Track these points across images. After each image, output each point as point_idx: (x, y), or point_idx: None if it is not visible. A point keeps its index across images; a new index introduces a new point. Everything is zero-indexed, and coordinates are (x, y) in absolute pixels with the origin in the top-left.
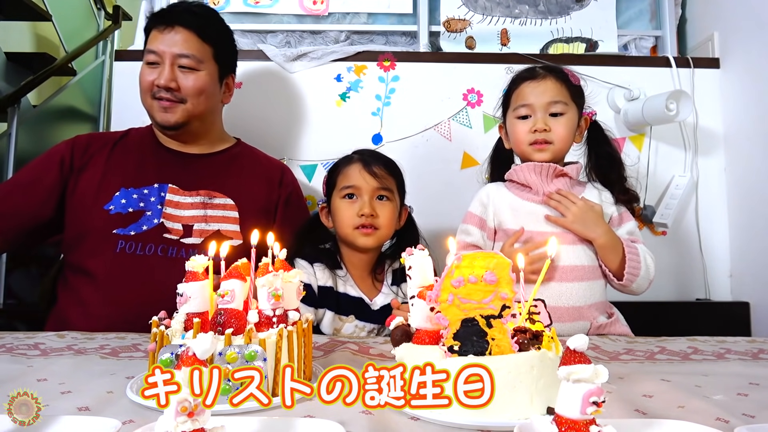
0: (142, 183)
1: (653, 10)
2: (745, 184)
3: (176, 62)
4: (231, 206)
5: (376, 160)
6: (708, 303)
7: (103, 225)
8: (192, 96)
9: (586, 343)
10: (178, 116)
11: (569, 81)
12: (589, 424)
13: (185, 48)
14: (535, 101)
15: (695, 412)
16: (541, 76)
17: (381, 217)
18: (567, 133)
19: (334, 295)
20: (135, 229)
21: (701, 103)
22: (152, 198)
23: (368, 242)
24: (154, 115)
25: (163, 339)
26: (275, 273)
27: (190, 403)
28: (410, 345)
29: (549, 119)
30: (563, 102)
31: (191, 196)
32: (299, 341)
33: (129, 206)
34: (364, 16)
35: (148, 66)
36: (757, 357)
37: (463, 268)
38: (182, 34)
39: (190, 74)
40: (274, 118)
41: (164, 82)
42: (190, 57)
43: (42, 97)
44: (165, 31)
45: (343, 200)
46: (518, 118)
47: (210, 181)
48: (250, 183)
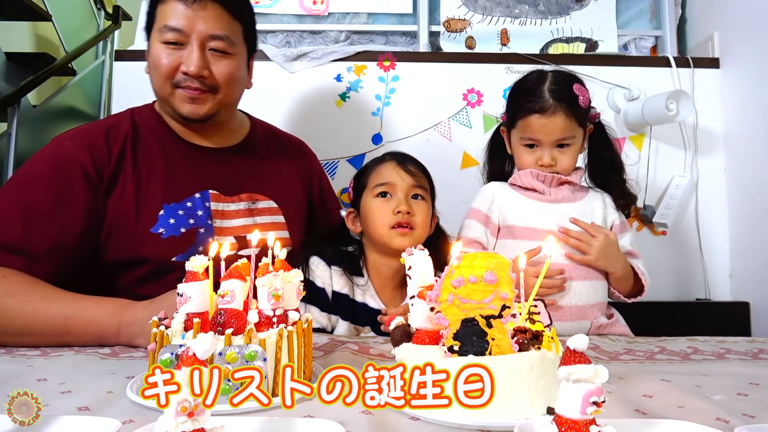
0: (182, 194)
1: (653, 10)
2: (745, 184)
3: (207, 44)
4: (275, 210)
5: (410, 159)
6: (708, 303)
7: (158, 253)
8: (226, 85)
9: (586, 343)
10: (208, 108)
11: (578, 108)
12: (589, 424)
13: (218, 28)
14: (544, 138)
15: (695, 412)
16: (550, 111)
17: (417, 216)
18: (572, 161)
19: (349, 304)
20: (193, 253)
21: (701, 103)
22: (199, 212)
23: (405, 243)
24: (177, 105)
25: (163, 339)
26: (275, 273)
27: (190, 403)
28: (410, 345)
29: (555, 152)
30: (571, 135)
31: (234, 203)
32: (299, 341)
33: (180, 226)
34: (364, 16)
35: (167, 46)
36: (757, 357)
37: (463, 268)
38: (213, 10)
39: (223, 59)
40: (274, 118)
41: (195, 70)
42: (224, 39)
43: (42, 97)
44: (188, 3)
45: (376, 199)
46: (525, 145)
47: (249, 182)
48: (285, 177)
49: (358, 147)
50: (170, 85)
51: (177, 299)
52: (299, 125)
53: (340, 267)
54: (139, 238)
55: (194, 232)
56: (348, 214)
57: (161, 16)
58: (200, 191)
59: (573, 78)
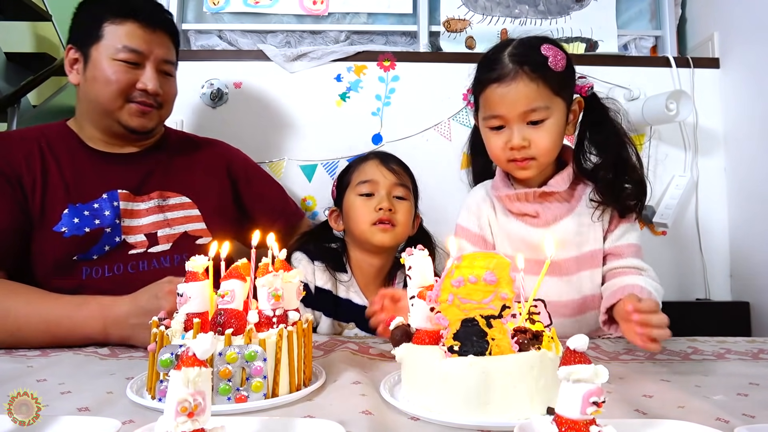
0: (88, 196)
1: (653, 10)
2: (745, 184)
3: (160, 67)
4: (189, 204)
5: (393, 158)
6: (708, 303)
7: (60, 251)
8: (169, 103)
9: (586, 343)
10: (155, 121)
11: (549, 71)
12: (589, 424)
13: (169, 54)
14: (507, 112)
15: (695, 412)
16: (510, 76)
17: (399, 213)
18: (551, 142)
19: (332, 300)
20: (97, 252)
21: (701, 103)
22: (106, 212)
23: (385, 239)
24: (125, 118)
25: (163, 339)
26: (275, 273)
27: (190, 403)
28: (410, 345)
29: (527, 130)
30: (543, 107)
31: (144, 201)
32: (299, 341)
33: (85, 225)
34: (364, 16)
35: (122, 64)
36: (757, 357)
37: (463, 268)
38: (164, 38)
39: (169, 80)
40: (275, 117)
41: (154, 89)
42: (172, 63)
43: (42, 97)
44: (149, 30)
45: (358, 197)
46: (490, 129)
47: (158, 180)
48: (198, 172)
49: (358, 147)
50: (123, 99)
51: (177, 299)
52: (299, 125)
53: (323, 263)
54: (43, 236)
55: (99, 231)
56: (331, 212)
57: (116, 36)
58: (108, 192)
59: (542, 39)
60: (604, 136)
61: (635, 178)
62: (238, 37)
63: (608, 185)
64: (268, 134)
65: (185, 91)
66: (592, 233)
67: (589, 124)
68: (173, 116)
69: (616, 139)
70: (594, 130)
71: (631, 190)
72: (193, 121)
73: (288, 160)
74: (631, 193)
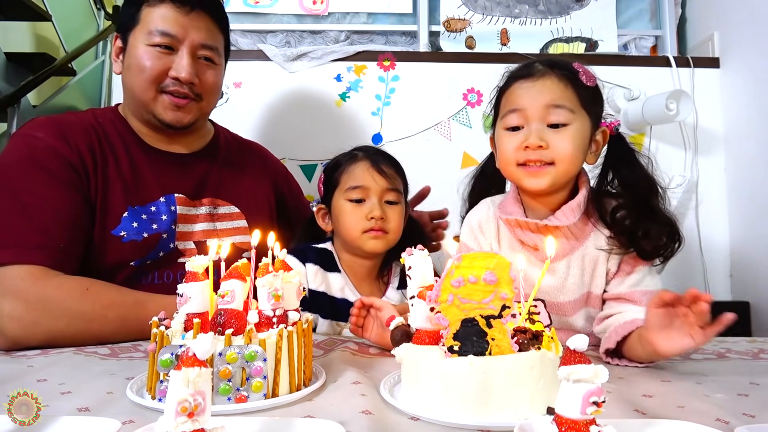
0: (147, 198)
1: (653, 9)
2: (745, 184)
3: (198, 53)
4: (237, 215)
5: (384, 158)
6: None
7: (118, 256)
8: (210, 94)
9: (586, 343)
10: (192, 116)
11: (579, 81)
12: (589, 424)
13: (209, 38)
14: (528, 105)
15: (695, 412)
16: (539, 73)
17: (391, 221)
18: (573, 149)
19: (328, 301)
20: (151, 257)
21: (701, 103)
22: (163, 216)
23: (378, 246)
24: (160, 112)
25: (163, 339)
26: (275, 273)
27: (190, 403)
28: (410, 345)
29: (547, 132)
30: (568, 108)
31: (196, 207)
32: (299, 341)
33: (143, 230)
34: (364, 16)
35: (155, 50)
36: (757, 357)
37: (463, 269)
38: (205, 20)
39: (210, 69)
40: (274, 118)
41: (188, 76)
42: (214, 50)
43: (42, 97)
44: (183, 11)
45: (348, 203)
46: (507, 129)
47: (211, 187)
48: (248, 182)
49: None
50: (155, 89)
51: (177, 299)
52: (299, 125)
53: (315, 264)
54: (101, 238)
55: (157, 237)
56: (318, 210)
57: (150, 19)
58: (166, 195)
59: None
60: (634, 177)
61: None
62: (238, 37)
63: (625, 232)
64: (268, 134)
65: None
66: (596, 277)
67: (617, 161)
68: None
69: (646, 184)
70: (622, 166)
71: (656, 231)
72: None
73: (288, 160)
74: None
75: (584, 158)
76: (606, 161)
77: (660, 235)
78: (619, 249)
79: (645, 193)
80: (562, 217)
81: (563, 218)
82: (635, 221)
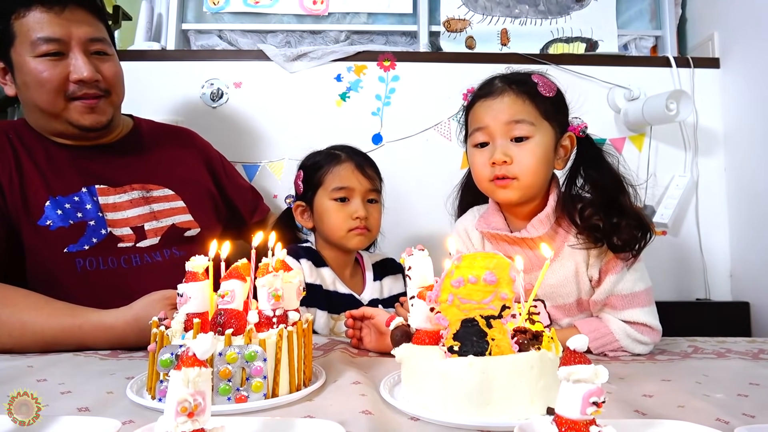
0: (68, 190)
1: (653, 9)
2: (745, 184)
3: (89, 48)
4: (173, 196)
5: (364, 159)
6: (708, 303)
7: (49, 245)
8: (116, 86)
9: (586, 343)
10: (108, 114)
11: (539, 94)
12: (589, 425)
13: (94, 31)
14: (491, 122)
15: (695, 412)
16: (498, 91)
17: (371, 219)
18: (535, 162)
19: (323, 294)
20: (87, 243)
21: (701, 103)
22: (87, 205)
23: (362, 243)
24: (75, 118)
25: (163, 339)
26: (275, 273)
27: (190, 403)
28: (410, 345)
29: (510, 147)
30: (528, 122)
31: (126, 193)
32: (299, 341)
33: (68, 218)
34: (364, 16)
35: (45, 59)
36: (757, 357)
37: (463, 269)
38: (81, 14)
39: (106, 61)
40: (274, 118)
41: (90, 75)
42: (102, 41)
43: None
44: (56, 11)
45: (333, 203)
46: (475, 146)
47: (138, 173)
48: (179, 164)
49: (358, 147)
50: (63, 99)
51: (177, 299)
52: (299, 125)
53: (308, 260)
54: (28, 230)
55: (83, 224)
56: (296, 207)
57: (27, 29)
58: (86, 186)
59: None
60: (602, 177)
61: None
62: (238, 37)
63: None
64: (268, 134)
65: (185, 91)
66: (575, 285)
67: (584, 162)
68: (174, 116)
69: (613, 182)
70: (590, 168)
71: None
72: (193, 121)
73: (288, 160)
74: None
75: (550, 167)
76: (574, 164)
77: (628, 227)
78: (589, 244)
79: (613, 193)
80: (532, 230)
81: (533, 230)
82: (603, 217)
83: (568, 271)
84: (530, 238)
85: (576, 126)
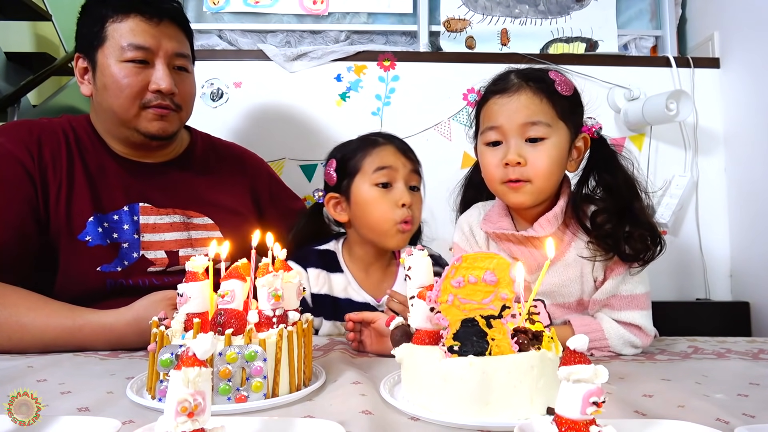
0: (110, 206)
1: (653, 9)
2: (745, 184)
3: (173, 62)
4: (211, 226)
5: (406, 144)
6: (708, 303)
7: (85, 260)
8: (187, 103)
9: (586, 343)
10: (174, 126)
11: (555, 92)
12: (589, 425)
13: (180, 46)
14: (505, 122)
15: (695, 412)
16: (514, 88)
17: (415, 209)
18: (549, 165)
19: (331, 303)
20: (119, 264)
21: (701, 103)
22: (125, 226)
23: (404, 243)
24: (144, 125)
25: (163, 339)
26: (275, 273)
27: (190, 403)
28: (410, 345)
29: (525, 147)
30: (545, 123)
31: (168, 215)
32: (299, 341)
33: (107, 237)
34: (364, 15)
35: (130, 65)
36: (757, 357)
37: (463, 269)
38: (174, 29)
39: (186, 78)
40: (274, 118)
41: (168, 87)
42: (186, 57)
43: (42, 97)
44: (153, 23)
45: (375, 188)
46: (487, 144)
47: (182, 197)
48: (223, 191)
49: None
50: (137, 106)
51: (177, 299)
52: (299, 125)
53: (317, 268)
54: (67, 243)
55: (117, 246)
56: (329, 199)
57: (120, 34)
58: (130, 204)
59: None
60: (616, 180)
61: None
62: (238, 37)
63: (605, 236)
64: (268, 134)
65: None
66: (579, 285)
67: (597, 164)
68: None
69: (627, 187)
70: (603, 171)
71: (638, 234)
72: (193, 121)
73: (288, 160)
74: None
75: (563, 169)
76: (587, 165)
77: (642, 238)
78: (600, 254)
79: (626, 197)
80: (539, 229)
81: (540, 229)
82: (616, 225)
83: (573, 272)
84: (536, 237)
85: (590, 127)
